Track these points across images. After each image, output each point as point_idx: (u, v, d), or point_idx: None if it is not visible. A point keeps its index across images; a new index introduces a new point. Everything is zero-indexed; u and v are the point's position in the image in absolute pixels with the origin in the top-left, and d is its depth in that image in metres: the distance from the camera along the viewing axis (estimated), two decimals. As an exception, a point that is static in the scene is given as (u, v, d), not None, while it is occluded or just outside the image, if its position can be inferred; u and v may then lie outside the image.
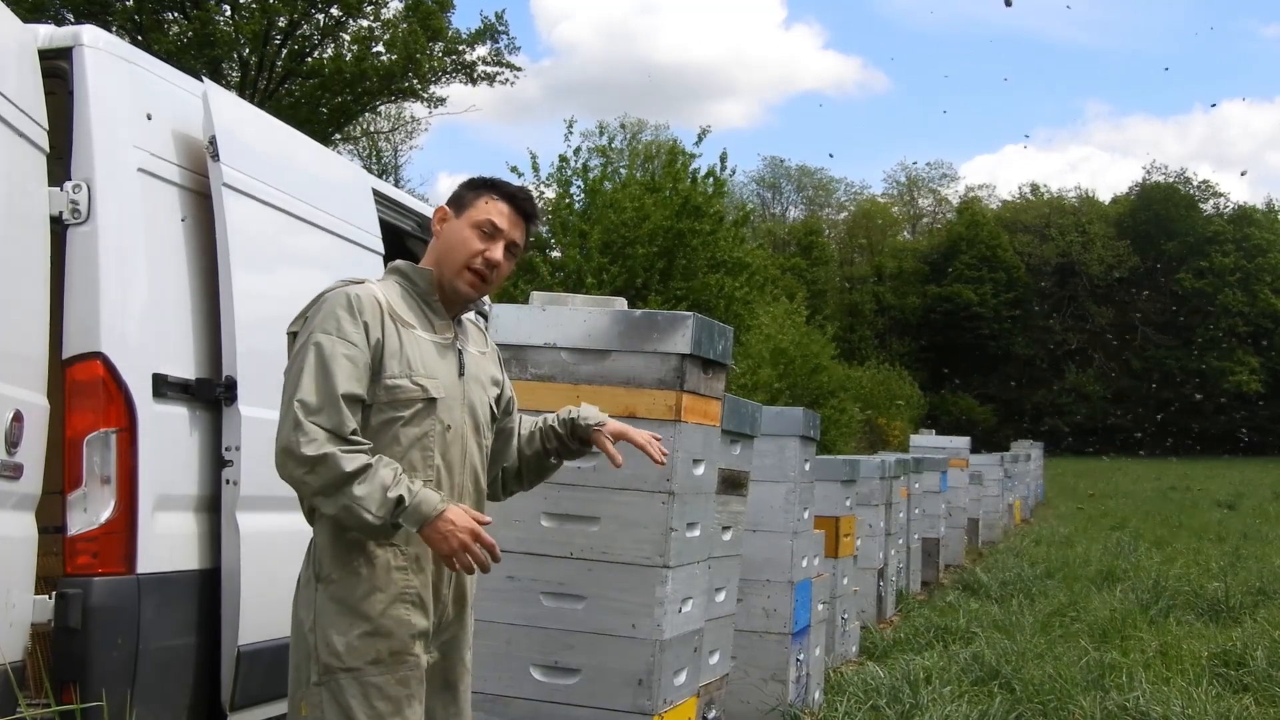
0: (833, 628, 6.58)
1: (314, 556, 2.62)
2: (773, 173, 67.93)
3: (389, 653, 2.56)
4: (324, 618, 2.56)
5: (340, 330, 2.55)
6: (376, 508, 2.45)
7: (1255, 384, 56.21)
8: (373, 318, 2.59)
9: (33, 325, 3.21)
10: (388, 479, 2.47)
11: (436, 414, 2.64)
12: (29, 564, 3.14)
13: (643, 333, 3.47)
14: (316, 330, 2.56)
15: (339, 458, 2.45)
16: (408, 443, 2.61)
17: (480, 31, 28.39)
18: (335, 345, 2.53)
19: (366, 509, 2.45)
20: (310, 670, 2.56)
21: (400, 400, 2.60)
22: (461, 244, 2.74)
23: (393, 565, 2.58)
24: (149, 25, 24.95)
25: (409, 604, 2.59)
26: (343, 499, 2.45)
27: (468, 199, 2.79)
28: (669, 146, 24.39)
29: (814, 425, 5.59)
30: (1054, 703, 5.58)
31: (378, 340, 2.59)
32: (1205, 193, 64.80)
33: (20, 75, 3.23)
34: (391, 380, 2.59)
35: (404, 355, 2.61)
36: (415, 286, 2.74)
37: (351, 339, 2.55)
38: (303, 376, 2.52)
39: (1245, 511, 20.95)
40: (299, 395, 2.50)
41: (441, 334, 2.72)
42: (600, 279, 19.87)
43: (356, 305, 2.57)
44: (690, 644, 3.66)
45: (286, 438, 2.49)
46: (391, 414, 2.59)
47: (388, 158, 45.34)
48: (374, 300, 2.61)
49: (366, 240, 4.60)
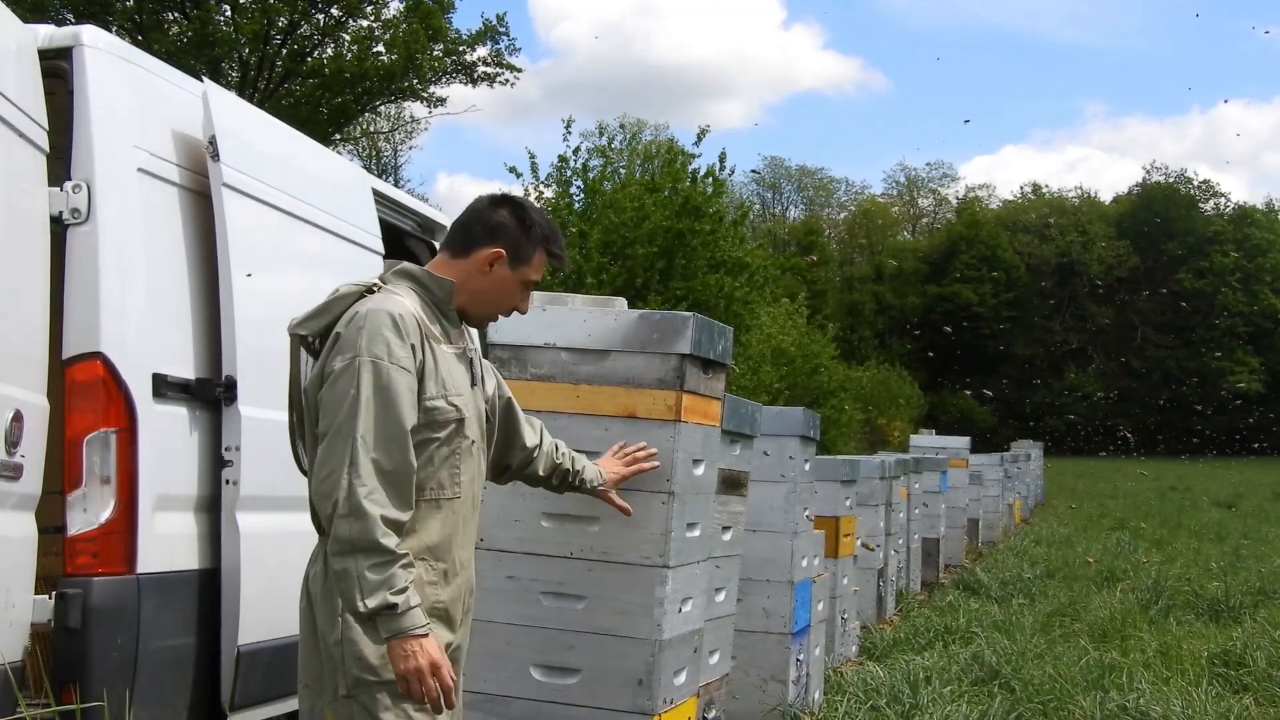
0: (833, 628, 6.58)
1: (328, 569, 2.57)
2: (773, 173, 68.01)
3: None
4: (352, 630, 2.50)
5: (392, 355, 2.47)
6: (370, 597, 2.39)
7: (1255, 384, 56.22)
8: (416, 339, 2.53)
9: (33, 325, 3.21)
10: (397, 581, 2.42)
11: (464, 432, 2.63)
12: (29, 564, 3.14)
13: (643, 333, 3.47)
14: (365, 354, 2.46)
15: (377, 526, 2.40)
16: (440, 462, 2.58)
17: (481, 33, 28.39)
18: (393, 374, 2.47)
19: (362, 590, 2.39)
20: (338, 682, 2.51)
21: (437, 422, 2.56)
22: (508, 297, 2.75)
23: (425, 580, 2.55)
24: (149, 25, 24.95)
25: (437, 618, 2.57)
26: (349, 563, 2.40)
27: (527, 254, 2.72)
28: (668, 146, 24.37)
29: (814, 425, 5.59)
30: (1054, 703, 5.58)
31: (420, 362, 2.54)
32: (1205, 193, 64.89)
33: (20, 75, 3.23)
34: (430, 402, 2.55)
35: (439, 375, 2.58)
36: (432, 295, 2.67)
37: (405, 365, 2.49)
38: (360, 407, 2.43)
39: (1245, 511, 20.95)
40: (359, 430, 2.41)
41: (456, 343, 2.69)
42: (600, 279, 19.85)
43: (403, 326, 2.51)
44: (690, 644, 3.66)
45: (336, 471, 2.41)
46: (428, 435, 2.55)
47: (388, 158, 45.42)
48: (412, 319, 2.55)
49: (366, 240, 4.60)
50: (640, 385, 3.46)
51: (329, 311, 2.59)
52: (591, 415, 3.47)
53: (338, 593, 2.46)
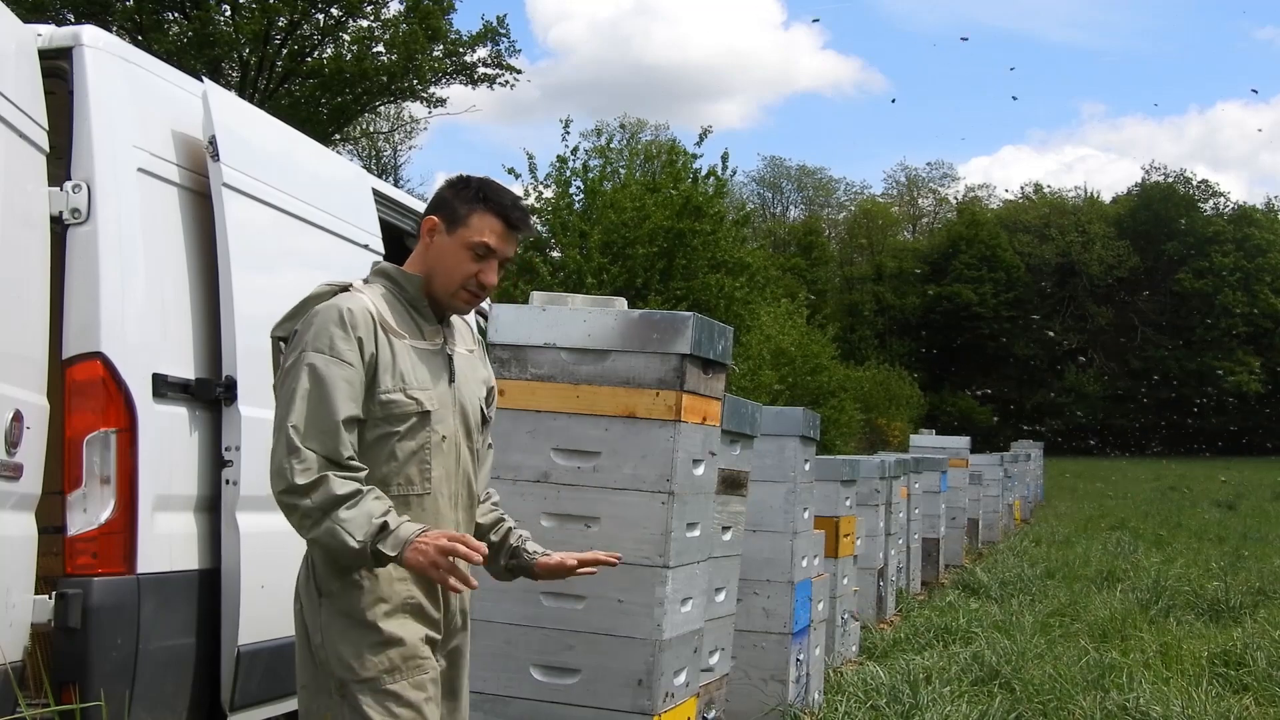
0: (833, 628, 6.58)
1: (314, 572, 2.59)
2: (773, 173, 68.01)
3: (402, 659, 2.54)
4: (331, 632, 2.53)
5: (334, 349, 2.49)
6: (359, 531, 2.41)
7: (1255, 384, 56.21)
8: (366, 332, 2.53)
9: (33, 325, 3.20)
10: (375, 509, 2.44)
11: (431, 425, 2.60)
12: (29, 564, 3.14)
13: (643, 333, 3.47)
14: (309, 349, 2.49)
15: (331, 481, 2.43)
16: (404, 456, 2.58)
17: (480, 33, 28.39)
18: (331, 367, 2.48)
19: (350, 533, 2.41)
20: (328, 685, 2.54)
21: (395, 415, 2.55)
22: (456, 265, 2.64)
23: (394, 576, 2.55)
24: (149, 25, 24.95)
25: (411, 613, 2.57)
26: (329, 522, 2.41)
27: (460, 213, 2.65)
28: (669, 147, 24.37)
29: (814, 425, 5.59)
30: (1054, 703, 5.58)
31: (371, 355, 2.53)
32: (1205, 193, 64.84)
33: (20, 75, 3.23)
34: (386, 395, 2.55)
35: (397, 368, 2.57)
36: (404, 292, 2.66)
37: (346, 358, 2.49)
38: (295, 399, 2.46)
39: (1245, 511, 20.95)
40: (292, 420, 2.45)
41: (431, 340, 2.66)
42: (600, 279, 19.85)
43: (350, 320, 2.52)
44: (690, 644, 3.66)
45: (280, 462, 2.45)
46: (387, 429, 2.55)
47: (387, 158, 45.39)
48: (366, 313, 2.55)
49: (366, 240, 4.60)
50: (640, 385, 3.46)
51: (299, 313, 2.61)
52: (591, 415, 3.47)
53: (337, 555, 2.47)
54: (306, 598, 2.59)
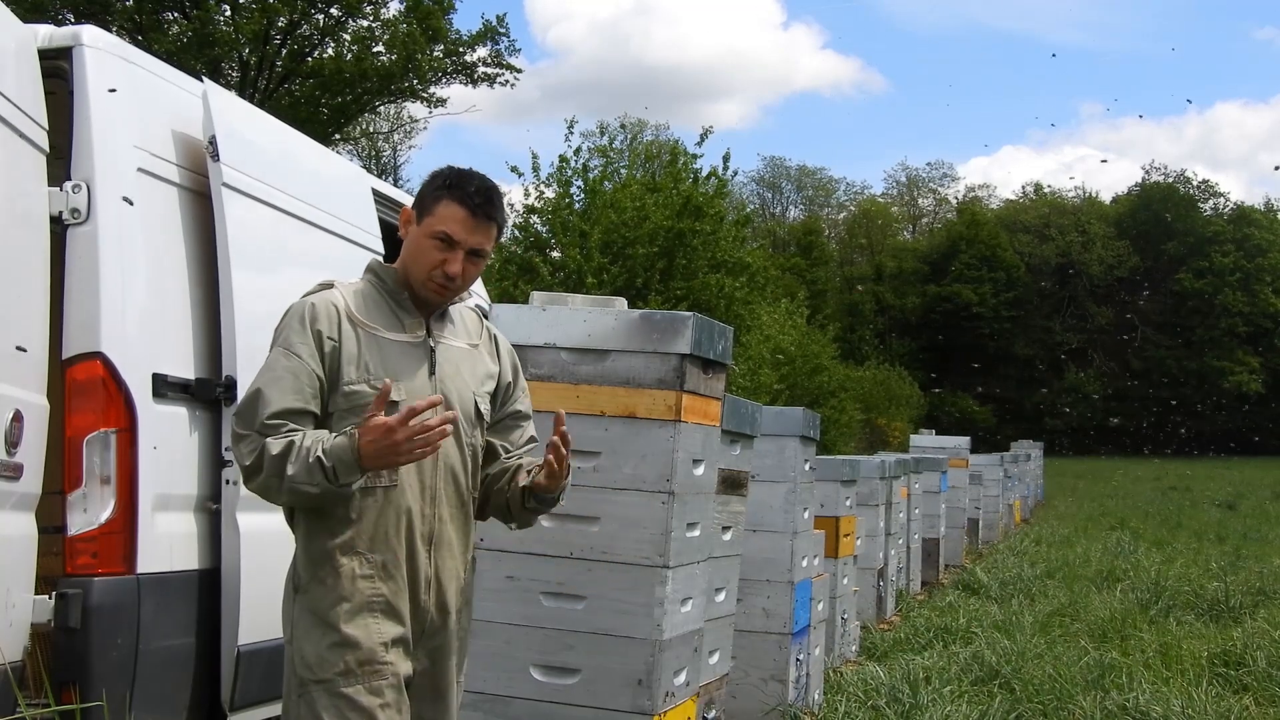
0: (833, 628, 6.58)
1: (295, 564, 2.61)
2: (773, 173, 68.01)
3: (357, 663, 2.50)
4: (298, 629, 2.55)
5: (288, 342, 2.55)
6: (309, 476, 2.43)
7: (1255, 384, 56.21)
8: (328, 324, 2.55)
9: (33, 325, 3.20)
10: (307, 446, 2.44)
11: None
12: (29, 564, 3.14)
13: (643, 333, 3.47)
14: (275, 345, 2.58)
15: (268, 446, 2.46)
16: None
17: (480, 33, 28.38)
18: (280, 359, 2.54)
19: (305, 484, 2.44)
20: (292, 681, 2.56)
21: (360, 406, 2.53)
22: (421, 254, 2.63)
23: (358, 574, 2.53)
24: (149, 25, 24.94)
25: (377, 612, 2.54)
26: (285, 484, 2.45)
27: (428, 202, 2.64)
28: (670, 147, 24.38)
29: (814, 425, 5.59)
30: (1054, 703, 5.58)
31: (334, 347, 2.54)
32: (1205, 193, 64.84)
33: (20, 75, 3.23)
34: (349, 386, 2.55)
35: (362, 360, 2.56)
36: (384, 285, 2.68)
37: (297, 351, 2.53)
38: (248, 390, 2.54)
39: (1245, 511, 20.95)
40: (238, 409, 2.56)
41: (411, 332, 2.65)
42: (600, 279, 19.84)
43: (310, 314, 2.56)
44: (690, 644, 3.66)
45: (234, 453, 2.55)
46: (353, 420, 2.52)
47: (387, 158, 45.38)
48: (330, 306, 2.57)
49: (366, 240, 4.60)
50: (640, 385, 3.46)
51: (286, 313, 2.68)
52: (591, 415, 3.47)
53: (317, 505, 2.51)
54: (286, 591, 2.63)
